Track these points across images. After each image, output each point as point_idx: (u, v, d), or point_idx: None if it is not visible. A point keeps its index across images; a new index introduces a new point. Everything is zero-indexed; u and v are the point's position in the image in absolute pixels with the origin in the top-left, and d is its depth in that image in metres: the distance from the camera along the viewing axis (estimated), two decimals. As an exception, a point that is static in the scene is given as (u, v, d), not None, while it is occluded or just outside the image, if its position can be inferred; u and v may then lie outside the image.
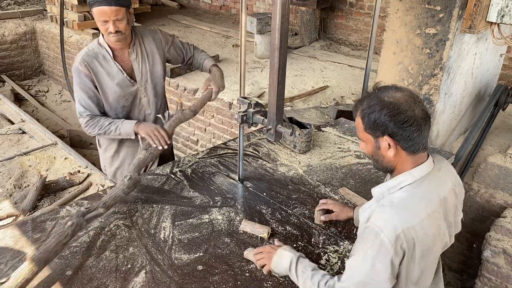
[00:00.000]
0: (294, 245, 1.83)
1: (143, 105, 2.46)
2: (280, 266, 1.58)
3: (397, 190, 1.36)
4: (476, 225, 3.11)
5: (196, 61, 2.63)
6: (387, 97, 1.32)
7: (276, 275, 1.65)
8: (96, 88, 2.30)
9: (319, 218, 1.96)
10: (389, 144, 1.33)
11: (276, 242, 1.77)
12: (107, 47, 2.28)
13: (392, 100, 1.31)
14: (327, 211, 1.98)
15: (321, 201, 2.01)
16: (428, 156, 1.40)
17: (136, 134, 2.29)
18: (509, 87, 3.35)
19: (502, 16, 2.57)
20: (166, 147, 2.21)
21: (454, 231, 1.49)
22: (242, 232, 1.90)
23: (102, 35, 2.26)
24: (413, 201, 1.32)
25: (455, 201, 1.44)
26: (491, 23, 2.67)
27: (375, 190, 1.43)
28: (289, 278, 1.64)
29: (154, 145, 2.20)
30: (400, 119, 1.28)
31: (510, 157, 3.05)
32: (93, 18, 2.21)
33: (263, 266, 1.66)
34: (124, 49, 2.32)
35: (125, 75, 2.34)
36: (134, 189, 2.03)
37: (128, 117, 2.44)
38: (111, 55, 2.29)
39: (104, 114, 2.38)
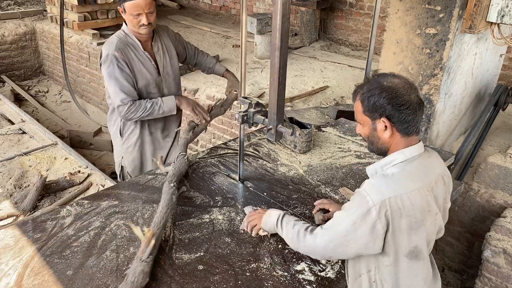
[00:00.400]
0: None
1: (164, 95, 2.56)
2: (269, 223, 1.73)
3: (390, 167, 1.44)
4: (476, 225, 3.11)
5: (203, 65, 2.79)
6: (385, 82, 1.42)
7: (266, 232, 1.81)
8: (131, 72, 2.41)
9: (320, 218, 1.95)
10: (385, 126, 1.42)
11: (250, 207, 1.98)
12: (134, 38, 2.40)
13: (391, 85, 1.40)
14: (326, 211, 1.99)
15: (316, 202, 2.02)
16: (420, 140, 1.48)
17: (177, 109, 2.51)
18: (509, 87, 3.35)
19: (502, 16, 2.58)
20: (207, 122, 2.51)
21: (443, 218, 1.55)
22: (242, 231, 1.90)
23: (126, 27, 2.39)
24: (403, 175, 1.41)
25: (444, 188, 1.51)
26: (491, 23, 2.68)
27: (369, 168, 1.53)
28: (290, 277, 1.64)
29: (197, 120, 2.47)
30: (397, 102, 1.38)
31: (510, 157, 3.06)
32: (93, 18, 2.27)
33: (254, 227, 1.83)
34: (148, 42, 2.45)
35: (153, 63, 2.47)
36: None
37: None
38: (139, 45, 2.41)
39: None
